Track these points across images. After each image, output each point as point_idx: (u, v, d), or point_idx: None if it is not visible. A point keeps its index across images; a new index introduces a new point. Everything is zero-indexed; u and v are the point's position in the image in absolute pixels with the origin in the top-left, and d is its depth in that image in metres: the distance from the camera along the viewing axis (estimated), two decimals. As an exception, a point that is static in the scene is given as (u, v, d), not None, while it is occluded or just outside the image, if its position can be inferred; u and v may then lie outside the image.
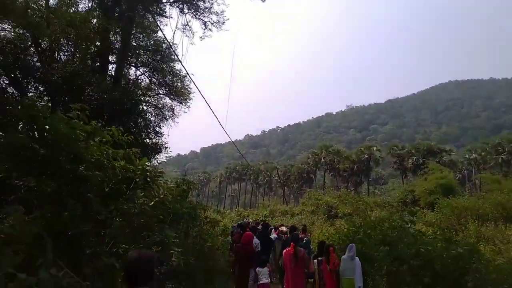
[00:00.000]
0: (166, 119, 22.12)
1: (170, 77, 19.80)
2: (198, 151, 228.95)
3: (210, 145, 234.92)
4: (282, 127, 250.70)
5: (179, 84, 20.77)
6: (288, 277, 7.17)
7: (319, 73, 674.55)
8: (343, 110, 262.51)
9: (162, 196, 5.41)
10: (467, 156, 49.96)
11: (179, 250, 5.37)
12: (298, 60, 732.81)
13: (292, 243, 7.30)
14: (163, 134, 20.38)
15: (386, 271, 6.16)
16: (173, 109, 21.79)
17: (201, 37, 17.39)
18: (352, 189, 48.06)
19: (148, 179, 5.29)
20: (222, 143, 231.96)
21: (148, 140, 19.80)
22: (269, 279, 7.52)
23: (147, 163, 5.27)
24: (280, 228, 14.47)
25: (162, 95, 21.43)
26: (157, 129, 20.89)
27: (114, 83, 12.99)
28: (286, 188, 62.37)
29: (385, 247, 6.63)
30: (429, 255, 5.78)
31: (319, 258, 7.42)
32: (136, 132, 18.01)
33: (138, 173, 5.07)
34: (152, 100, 21.67)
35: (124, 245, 4.11)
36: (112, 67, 15.15)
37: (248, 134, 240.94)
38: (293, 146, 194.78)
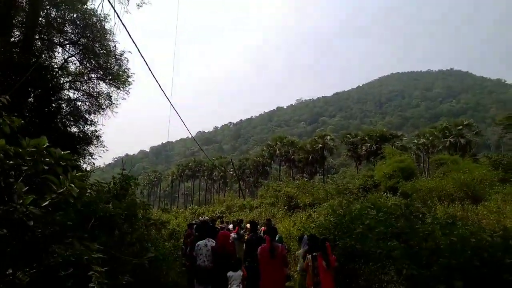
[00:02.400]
0: (103, 108, 19.36)
1: (104, 58, 17.04)
2: (148, 150, 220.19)
3: (160, 143, 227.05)
4: (235, 122, 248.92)
5: (116, 67, 18.09)
6: (264, 278, 6.04)
7: (271, 70, 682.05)
8: (293, 104, 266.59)
9: (63, 191, 3.21)
10: (415, 141, 51.42)
11: (102, 269, 3.27)
12: (250, 56, 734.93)
13: (267, 237, 6.32)
14: (95, 123, 17.64)
15: (406, 275, 4.33)
16: (111, 96, 19.06)
17: (138, 5, 14.86)
18: (307, 179, 47.52)
19: (45, 167, 3.14)
20: (173, 141, 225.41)
21: (75, 130, 16.89)
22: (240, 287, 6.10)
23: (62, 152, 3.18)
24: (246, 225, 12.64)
25: (96, 80, 18.60)
26: (90, 118, 18.12)
27: (21, 52, 10.14)
28: (242, 182, 60.70)
29: (397, 242, 4.85)
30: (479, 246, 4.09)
31: (314, 254, 5.77)
32: (58, 120, 15.11)
33: (27, 158, 3.00)
34: (85, 86, 18.72)
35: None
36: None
37: (200, 131, 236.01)
38: (246, 141, 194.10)
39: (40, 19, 13.48)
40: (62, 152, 3.38)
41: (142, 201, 9.31)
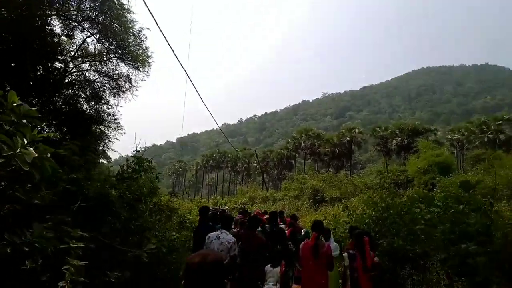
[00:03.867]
0: (123, 91, 18.78)
1: (122, 36, 16.33)
2: (174, 141, 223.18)
3: (186, 134, 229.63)
4: (259, 115, 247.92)
5: (135, 46, 17.40)
6: (305, 281, 5.19)
7: (296, 62, 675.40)
8: (319, 97, 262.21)
9: (12, 154, 2.29)
10: (449, 136, 48.59)
11: (80, 263, 2.44)
12: (276, 49, 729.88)
13: (314, 233, 5.34)
14: (107, 101, 17.11)
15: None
16: (130, 78, 18.45)
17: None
18: (333, 173, 45.99)
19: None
20: (199, 132, 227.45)
21: (86, 108, 16.28)
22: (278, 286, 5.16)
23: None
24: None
25: (115, 61, 17.99)
26: (105, 96, 17.57)
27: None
28: (265, 175, 59.78)
29: (478, 246, 3.60)
30: None
31: (350, 251, 4.73)
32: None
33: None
34: (104, 68, 18.15)
35: None
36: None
37: (225, 123, 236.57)
38: (271, 134, 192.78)
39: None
40: (31, 109, 2.46)
41: (151, 183, 8.45)
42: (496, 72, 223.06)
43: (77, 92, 16.59)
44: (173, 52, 10.14)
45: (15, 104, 2.34)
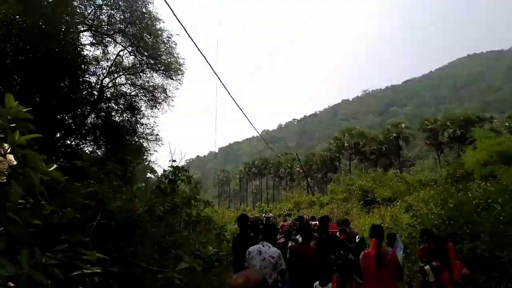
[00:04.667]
0: (159, 102, 18.88)
1: (153, 45, 16.38)
2: (217, 151, 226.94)
3: (227, 144, 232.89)
4: (299, 118, 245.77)
5: (166, 55, 17.41)
6: None
7: (333, 60, 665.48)
8: (359, 95, 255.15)
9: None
10: (507, 124, 44.53)
11: None
12: (312, 49, 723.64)
13: (373, 240, 4.62)
14: (144, 116, 17.25)
15: None
16: (165, 89, 18.49)
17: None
18: (382, 172, 43.74)
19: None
20: (239, 141, 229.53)
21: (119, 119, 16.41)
22: None
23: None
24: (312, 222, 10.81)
25: (149, 72, 18.13)
26: (143, 109, 17.74)
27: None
28: (309, 179, 58.37)
29: None
30: None
31: (434, 264, 3.89)
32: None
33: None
34: (140, 81, 18.36)
35: None
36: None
37: (265, 130, 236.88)
38: (311, 137, 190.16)
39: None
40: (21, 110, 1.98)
41: (191, 193, 7.93)
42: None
43: (114, 106, 16.83)
44: (210, 65, 9.78)
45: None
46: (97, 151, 14.70)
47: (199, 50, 9.77)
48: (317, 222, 10.21)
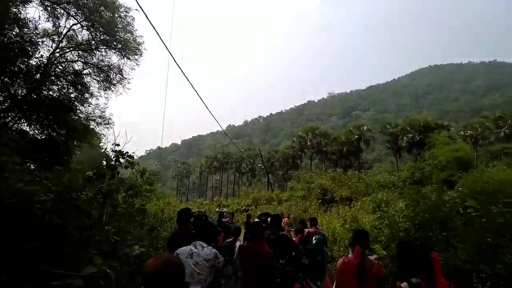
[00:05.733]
0: (114, 84, 17.37)
1: (109, 19, 14.83)
2: (179, 143, 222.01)
3: (191, 137, 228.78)
4: (265, 116, 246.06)
5: (124, 34, 15.95)
6: None
7: (302, 62, 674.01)
8: (325, 97, 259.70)
9: None
10: (462, 133, 46.41)
11: None
12: (281, 50, 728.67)
13: (356, 249, 3.52)
14: (92, 95, 15.77)
15: None
16: (121, 69, 16.98)
17: None
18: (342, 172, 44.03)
19: None
20: (204, 134, 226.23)
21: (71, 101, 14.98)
22: None
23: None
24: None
25: (104, 51, 16.55)
26: (95, 91, 16.31)
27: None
28: (271, 176, 57.91)
29: None
30: None
31: (413, 280, 2.90)
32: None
33: None
34: (94, 59, 16.70)
35: None
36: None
37: (230, 125, 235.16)
38: (276, 135, 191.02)
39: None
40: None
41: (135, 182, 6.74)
42: (505, 69, 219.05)
43: (58, 82, 15.12)
44: (171, 55, 8.47)
45: None
46: (28, 128, 12.94)
47: (154, 29, 8.45)
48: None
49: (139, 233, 5.74)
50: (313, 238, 6.92)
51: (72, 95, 14.71)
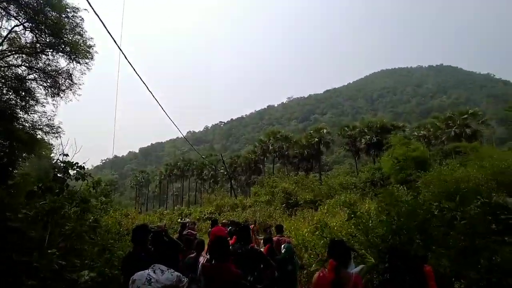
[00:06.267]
0: (63, 90, 16.12)
1: (55, 20, 13.73)
2: (137, 151, 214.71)
3: (150, 144, 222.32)
4: (225, 121, 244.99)
5: (73, 36, 14.85)
6: None
7: (260, 68, 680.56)
8: (284, 102, 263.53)
9: None
10: (415, 133, 48.66)
11: None
12: (238, 56, 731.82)
13: (331, 262, 3.12)
14: (38, 101, 14.63)
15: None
16: (71, 74, 15.79)
17: None
18: (304, 175, 44.42)
19: None
20: (163, 141, 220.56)
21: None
22: None
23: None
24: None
25: (51, 55, 15.30)
26: (41, 97, 15.11)
27: None
28: (234, 181, 57.25)
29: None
30: None
31: None
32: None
33: None
34: (40, 63, 15.39)
35: None
36: None
37: (190, 131, 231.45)
38: (237, 140, 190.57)
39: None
40: None
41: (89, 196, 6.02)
42: (451, 72, 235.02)
43: (1, 89, 13.79)
44: (124, 55, 7.74)
45: None
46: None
47: (106, 28, 7.71)
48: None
49: (91, 254, 5.01)
50: (282, 247, 6.53)
51: (13, 102, 13.40)
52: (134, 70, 9.35)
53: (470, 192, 4.56)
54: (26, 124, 14.49)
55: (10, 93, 13.41)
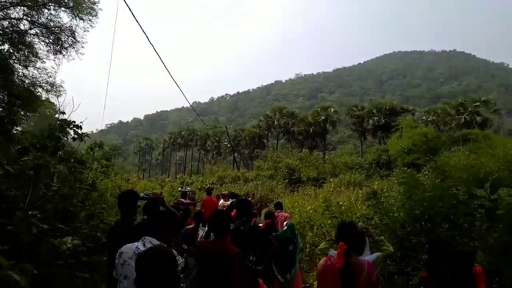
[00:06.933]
0: (65, 48, 15.54)
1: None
2: (142, 118, 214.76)
3: (155, 112, 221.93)
4: (232, 94, 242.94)
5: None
6: None
7: (270, 42, 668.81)
8: (292, 78, 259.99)
9: None
10: (424, 118, 47.76)
11: None
12: (250, 28, 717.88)
13: (341, 244, 2.57)
14: (38, 56, 14.09)
15: None
16: (74, 31, 15.16)
17: None
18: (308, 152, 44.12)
19: None
20: (168, 110, 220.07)
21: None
22: None
23: None
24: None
25: (54, 10, 14.62)
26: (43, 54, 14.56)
27: None
28: (237, 154, 57.16)
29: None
30: None
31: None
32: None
33: None
34: (42, 18, 14.73)
35: None
36: None
37: (196, 101, 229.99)
38: (243, 114, 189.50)
39: None
40: None
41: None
42: (464, 58, 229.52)
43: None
44: (138, 23, 7.13)
45: None
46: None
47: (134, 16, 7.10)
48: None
49: (78, 219, 4.65)
50: (284, 224, 6.13)
51: (11, 55, 12.90)
52: (159, 56, 8.80)
53: (499, 179, 4.05)
54: (26, 81, 14.07)
55: (8, 45, 12.90)
